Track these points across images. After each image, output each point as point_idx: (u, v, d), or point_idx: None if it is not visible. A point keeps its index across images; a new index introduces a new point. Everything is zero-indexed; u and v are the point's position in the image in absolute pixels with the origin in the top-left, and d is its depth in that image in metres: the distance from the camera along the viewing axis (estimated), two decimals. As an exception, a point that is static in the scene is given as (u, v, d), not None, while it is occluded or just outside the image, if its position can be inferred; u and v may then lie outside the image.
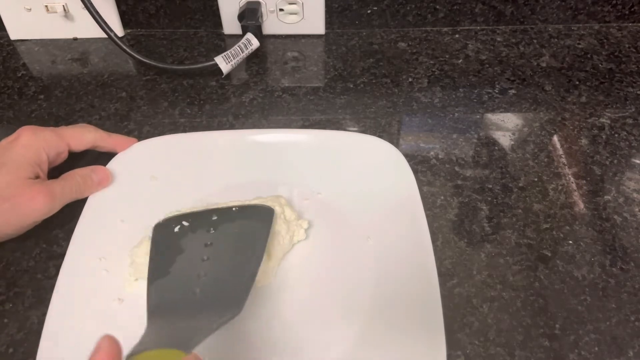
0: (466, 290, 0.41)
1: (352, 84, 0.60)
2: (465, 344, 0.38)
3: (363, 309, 0.39)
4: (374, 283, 0.41)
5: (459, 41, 0.65)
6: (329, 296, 0.40)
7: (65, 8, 0.63)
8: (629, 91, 0.58)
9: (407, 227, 0.43)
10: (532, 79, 0.60)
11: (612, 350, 0.37)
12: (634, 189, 0.48)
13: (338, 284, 0.41)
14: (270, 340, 0.38)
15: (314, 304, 0.40)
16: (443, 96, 0.58)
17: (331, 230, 0.44)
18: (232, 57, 0.60)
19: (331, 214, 0.46)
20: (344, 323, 0.39)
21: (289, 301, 0.40)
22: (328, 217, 0.45)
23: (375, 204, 0.45)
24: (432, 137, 0.53)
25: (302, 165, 0.49)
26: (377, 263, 0.42)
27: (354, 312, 0.39)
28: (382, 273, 0.41)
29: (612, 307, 0.40)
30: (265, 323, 0.39)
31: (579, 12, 0.66)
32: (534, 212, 0.46)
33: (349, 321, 0.39)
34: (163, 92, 0.59)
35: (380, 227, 0.44)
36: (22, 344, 0.38)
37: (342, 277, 0.41)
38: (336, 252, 0.43)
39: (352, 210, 0.45)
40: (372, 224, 0.44)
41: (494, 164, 0.51)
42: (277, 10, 0.64)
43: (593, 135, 0.53)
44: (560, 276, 0.42)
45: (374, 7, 0.65)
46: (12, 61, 0.64)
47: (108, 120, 0.56)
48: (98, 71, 0.62)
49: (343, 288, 0.41)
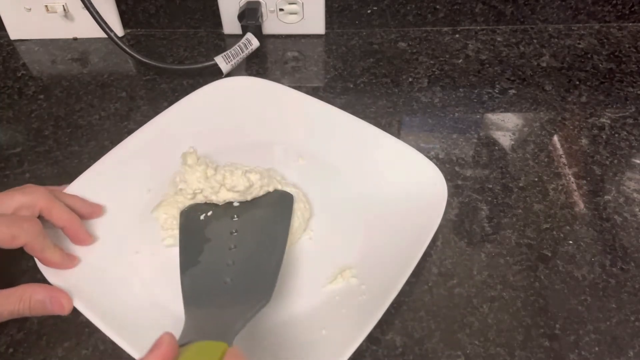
0: (466, 290, 0.41)
1: (352, 84, 0.60)
2: (465, 344, 0.38)
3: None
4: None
5: (459, 41, 0.65)
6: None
7: (65, 8, 0.63)
8: (629, 91, 0.58)
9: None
10: (532, 79, 0.60)
11: (612, 350, 0.37)
12: (634, 189, 0.48)
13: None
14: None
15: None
16: (443, 96, 0.58)
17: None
18: (232, 57, 0.60)
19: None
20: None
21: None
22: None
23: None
24: (432, 137, 0.53)
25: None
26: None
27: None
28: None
29: (612, 307, 0.40)
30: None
31: (579, 12, 0.66)
32: (534, 212, 0.46)
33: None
34: (163, 92, 0.59)
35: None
36: (22, 344, 0.38)
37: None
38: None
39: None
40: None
41: (494, 164, 0.51)
42: (277, 10, 0.64)
43: (593, 135, 0.53)
44: (561, 276, 0.42)
45: (374, 7, 0.65)
46: (12, 61, 0.64)
47: (108, 120, 0.56)
48: (98, 71, 0.62)
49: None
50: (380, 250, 0.42)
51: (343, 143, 0.49)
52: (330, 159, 0.49)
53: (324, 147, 0.50)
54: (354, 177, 0.47)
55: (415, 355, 0.37)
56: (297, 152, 0.50)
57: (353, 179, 0.47)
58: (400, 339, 0.38)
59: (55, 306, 0.36)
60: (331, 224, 0.45)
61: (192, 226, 0.42)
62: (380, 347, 0.38)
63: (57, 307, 0.36)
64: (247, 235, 0.41)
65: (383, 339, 0.38)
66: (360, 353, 0.37)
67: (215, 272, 0.38)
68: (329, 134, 0.50)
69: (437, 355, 0.37)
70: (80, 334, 0.39)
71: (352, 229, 0.44)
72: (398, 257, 0.40)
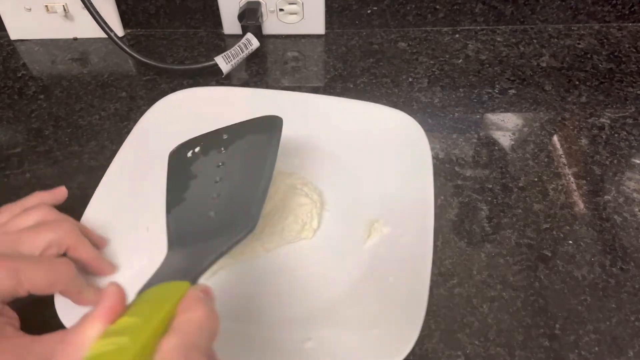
0: (466, 290, 0.41)
1: (352, 84, 0.60)
2: (465, 344, 0.38)
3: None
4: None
5: (459, 41, 0.65)
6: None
7: (65, 8, 0.63)
8: (629, 91, 0.58)
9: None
10: (532, 79, 0.60)
11: (612, 351, 0.37)
12: (634, 188, 0.48)
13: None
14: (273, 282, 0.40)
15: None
16: (443, 96, 0.58)
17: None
18: (232, 57, 0.60)
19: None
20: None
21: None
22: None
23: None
24: (432, 137, 0.53)
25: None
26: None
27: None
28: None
29: (612, 307, 0.40)
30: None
31: (579, 12, 0.66)
32: (534, 212, 0.46)
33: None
34: (163, 92, 0.59)
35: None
36: (22, 344, 0.38)
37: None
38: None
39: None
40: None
41: (494, 164, 0.51)
42: (277, 10, 0.64)
43: (593, 135, 0.53)
44: (561, 276, 0.42)
45: (374, 7, 0.65)
46: (12, 61, 0.64)
47: (108, 120, 0.56)
48: (98, 71, 0.62)
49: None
50: (395, 195, 0.45)
51: (321, 121, 0.51)
52: (320, 140, 0.50)
53: (310, 131, 0.51)
54: (345, 150, 0.49)
55: (415, 355, 0.37)
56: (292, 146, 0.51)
57: (344, 152, 0.49)
58: (400, 339, 0.38)
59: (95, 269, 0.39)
60: (342, 197, 0.46)
61: (179, 165, 0.41)
62: (380, 347, 0.38)
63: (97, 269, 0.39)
64: (233, 166, 0.39)
65: (383, 339, 0.38)
66: (360, 353, 0.37)
67: (200, 208, 0.37)
68: (304, 118, 0.51)
69: (437, 355, 0.37)
70: (80, 334, 0.39)
71: (362, 188, 0.46)
72: (413, 195, 0.44)
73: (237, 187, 0.38)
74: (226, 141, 0.41)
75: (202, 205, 0.37)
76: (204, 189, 0.39)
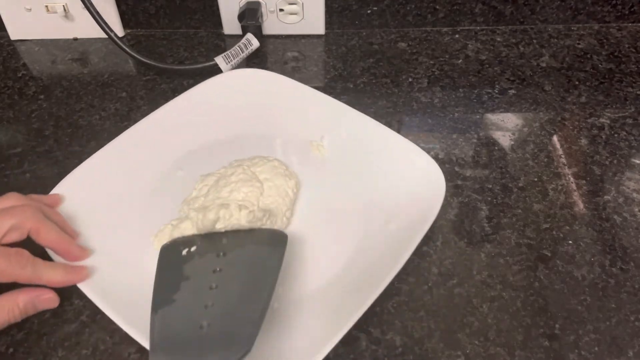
0: (466, 290, 0.41)
1: (352, 84, 0.60)
2: (465, 344, 0.38)
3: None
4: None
5: (459, 41, 0.66)
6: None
7: (65, 8, 0.63)
8: (628, 91, 0.58)
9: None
10: (532, 79, 0.60)
11: (612, 350, 0.37)
12: (633, 189, 0.48)
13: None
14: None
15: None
16: (443, 96, 0.58)
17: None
18: (232, 57, 0.60)
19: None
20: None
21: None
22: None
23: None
24: (432, 137, 0.53)
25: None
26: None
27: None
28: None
29: (612, 307, 0.40)
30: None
31: (579, 12, 0.66)
32: (533, 212, 0.46)
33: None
34: (163, 92, 0.59)
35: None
36: (22, 344, 0.38)
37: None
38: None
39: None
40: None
41: (494, 164, 0.51)
42: (277, 11, 0.64)
43: (593, 135, 0.53)
44: (560, 276, 0.42)
45: (374, 7, 0.65)
46: (12, 61, 0.64)
47: (108, 120, 0.56)
48: (98, 71, 0.62)
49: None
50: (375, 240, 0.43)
51: (345, 136, 0.50)
52: (332, 151, 0.50)
53: (324, 139, 0.51)
54: (355, 171, 0.48)
55: (415, 355, 0.37)
56: (298, 144, 0.51)
57: (354, 173, 0.48)
58: (400, 339, 0.38)
59: (44, 303, 0.37)
60: (327, 215, 0.46)
61: (171, 261, 0.39)
62: (380, 347, 0.38)
63: (46, 303, 0.37)
64: (231, 275, 0.37)
65: (383, 338, 0.38)
66: (360, 353, 0.37)
67: (191, 314, 0.35)
68: (328, 125, 0.51)
69: (437, 355, 0.37)
70: (80, 334, 0.39)
71: (348, 219, 0.45)
72: (393, 248, 0.41)
73: (234, 301, 0.36)
74: (226, 246, 0.40)
75: (193, 312, 0.35)
76: (197, 293, 0.36)
